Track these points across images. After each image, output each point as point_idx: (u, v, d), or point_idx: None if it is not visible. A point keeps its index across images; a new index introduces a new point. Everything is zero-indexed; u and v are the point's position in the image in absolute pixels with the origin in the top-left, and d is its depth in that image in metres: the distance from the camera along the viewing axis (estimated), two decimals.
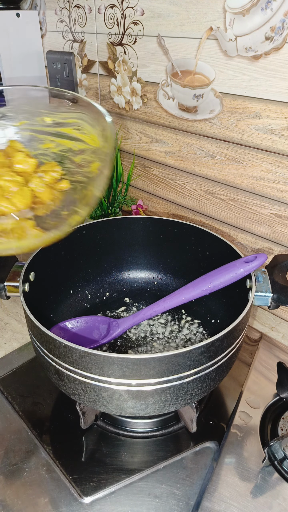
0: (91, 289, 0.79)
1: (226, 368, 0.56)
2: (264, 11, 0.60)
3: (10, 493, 0.53)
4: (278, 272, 0.62)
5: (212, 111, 0.73)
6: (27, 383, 0.69)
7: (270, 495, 0.53)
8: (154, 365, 0.46)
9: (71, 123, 0.56)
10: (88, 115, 0.54)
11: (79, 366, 0.48)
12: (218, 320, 0.73)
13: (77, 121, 0.55)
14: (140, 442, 0.60)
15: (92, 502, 0.52)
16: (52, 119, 0.54)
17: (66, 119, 0.55)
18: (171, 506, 0.52)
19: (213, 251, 0.70)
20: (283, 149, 0.67)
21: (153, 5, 0.73)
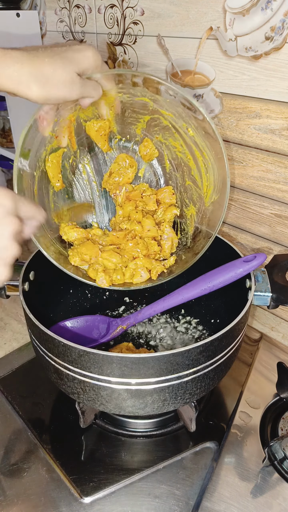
0: (91, 289, 0.79)
1: (225, 368, 0.56)
2: (264, 11, 0.60)
3: (10, 493, 0.53)
4: (278, 272, 0.62)
5: (212, 111, 0.73)
6: (27, 383, 0.69)
7: (270, 495, 0.53)
8: (153, 364, 0.46)
9: (201, 148, 0.58)
10: (214, 153, 0.56)
11: (78, 365, 0.48)
12: (217, 319, 0.73)
13: (206, 150, 0.57)
14: (140, 442, 0.60)
15: (92, 502, 0.52)
16: (194, 135, 0.57)
17: (201, 143, 0.57)
18: (171, 506, 0.52)
19: (213, 251, 0.70)
20: (283, 149, 0.67)
21: (153, 5, 0.73)
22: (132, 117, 0.60)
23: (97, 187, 0.65)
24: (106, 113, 0.57)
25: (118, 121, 0.60)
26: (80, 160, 0.63)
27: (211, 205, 0.60)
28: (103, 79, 0.50)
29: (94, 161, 0.64)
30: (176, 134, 0.59)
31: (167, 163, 0.64)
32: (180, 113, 0.55)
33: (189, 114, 0.54)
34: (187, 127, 0.56)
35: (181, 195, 0.64)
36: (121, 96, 0.56)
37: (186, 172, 0.62)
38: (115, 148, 0.63)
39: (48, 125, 0.51)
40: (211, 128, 0.52)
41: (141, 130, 0.62)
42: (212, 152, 0.55)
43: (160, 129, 0.60)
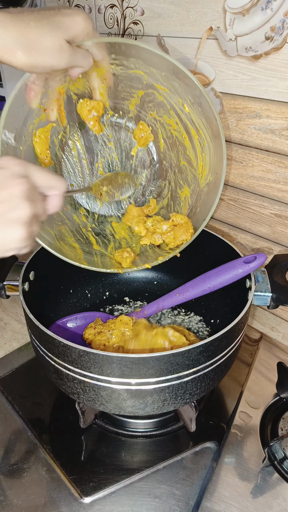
0: (91, 289, 0.79)
1: (226, 368, 0.56)
2: (264, 11, 0.60)
3: (10, 493, 0.53)
4: (278, 272, 0.62)
5: None
6: (27, 383, 0.69)
7: (270, 495, 0.53)
8: (153, 364, 0.46)
9: (197, 126, 0.56)
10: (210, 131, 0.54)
11: (78, 365, 0.48)
12: (217, 319, 0.73)
13: (202, 128, 0.55)
14: (140, 442, 0.60)
15: (92, 502, 0.52)
16: (190, 111, 0.54)
17: (197, 121, 0.55)
18: (171, 506, 0.52)
19: (213, 251, 0.70)
20: (283, 149, 0.67)
21: (153, 5, 0.73)
22: (125, 91, 0.57)
23: (87, 165, 0.63)
24: (98, 86, 0.54)
25: (111, 95, 0.58)
26: (70, 136, 0.60)
27: (206, 186, 0.58)
28: (94, 48, 0.47)
29: (84, 138, 0.61)
30: (172, 111, 0.57)
31: (161, 142, 0.62)
32: (176, 88, 0.53)
33: (186, 89, 0.52)
34: (182, 103, 0.54)
35: (176, 176, 0.62)
36: (114, 68, 0.53)
37: (181, 151, 0.60)
38: (107, 124, 0.61)
39: (35, 96, 0.49)
40: (207, 102, 0.50)
41: (134, 106, 0.59)
42: (209, 130, 0.53)
43: (154, 106, 0.58)
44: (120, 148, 0.63)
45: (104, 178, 0.61)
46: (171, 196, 0.64)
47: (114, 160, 0.64)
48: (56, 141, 0.59)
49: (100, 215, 0.66)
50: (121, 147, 0.63)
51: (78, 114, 0.58)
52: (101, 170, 0.63)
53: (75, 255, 0.59)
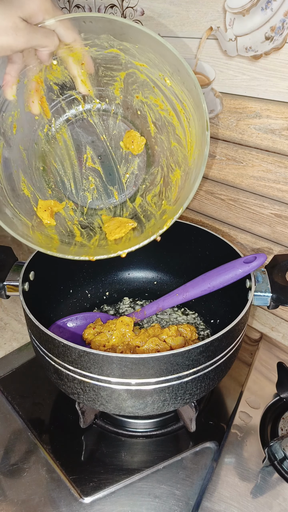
0: (91, 289, 0.79)
1: (226, 368, 0.56)
2: (264, 11, 0.60)
3: (10, 493, 0.53)
4: (278, 272, 0.62)
5: (212, 111, 0.73)
6: (27, 383, 0.69)
7: (270, 495, 0.53)
8: (153, 364, 0.46)
9: (181, 99, 0.54)
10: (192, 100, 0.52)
11: (78, 365, 0.48)
12: (217, 319, 0.73)
13: (186, 100, 0.53)
14: (140, 442, 0.60)
15: (92, 502, 0.52)
16: (171, 84, 0.52)
17: (180, 93, 0.53)
18: (171, 506, 0.52)
19: (213, 251, 0.70)
20: (283, 149, 0.66)
21: (153, 5, 0.73)
22: (107, 75, 0.56)
23: (76, 157, 0.62)
24: (78, 73, 0.53)
25: (93, 82, 0.56)
26: (56, 129, 0.59)
27: (193, 163, 0.56)
28: (61, 28, 0.45)
29: (71, 129, 0.61)
30: (155, 88, 0.55)
31: (151, 126, 0.60)
32: (153, 60, 0.52)
33: (161, 59, 0.50)
34: (163, 76, 0.53)
35: (167, 160, 0.61)
36: (89, 50, 0.51)
37: (171, 132, 0.59)
38: (94, 114, 0.60)
39: (9, 87, 0.47)
40: (183, 66, 0.48)
41: (119, 91, 0.58)
42: (191, 99, 0.52)
43: (138, 87, 0.57)
44: (110, 137, 0.62)
45: None
46: (163, 182, 0.62)
47: (104, 150, 0.62)
48: (41, 135, 0.58)
49: (89, 208, 0.65)
50: (110, 135, 0.62)
51: (64, 103, 0.57)
52: (89, 161, 0.62)
53: (48, 243, 0.57)
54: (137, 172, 0.64)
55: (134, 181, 0.64)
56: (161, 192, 0.62)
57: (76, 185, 0.63)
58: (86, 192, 0.64)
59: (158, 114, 0.58)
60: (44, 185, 0.61)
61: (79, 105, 0.59)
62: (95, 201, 0.64)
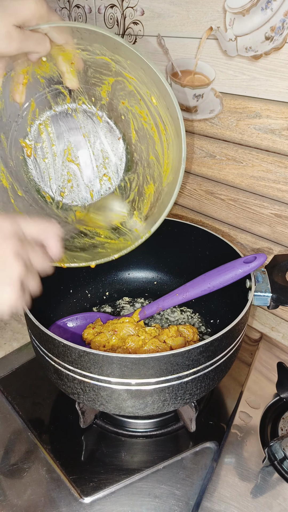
0: (91, 289, 0.79)
1: (225, 368, 0.56)
2: (264, 11, 0.60)
3: (10, 493, 0.53)
4: (278, 272, 0.62)
5: (212, 111, 0.73)
6: (27, 383, 0.69)
7: (270, 495, 0.53)
8: (153, 364, 0.46)
9: (164, 121, 0.54)
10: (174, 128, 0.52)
11: (78, 365, 0.48)
12: (217, 319, 0.73)
13: (168, 124, 0.54)
14: (140, 442, 0.60)
15: (92, 502, 0.52)
16: (157, 104, 0.53)
17: (164, 116, 0.53)
18: (171, 506, 0.52)
19: (213, 251, 0.70)
20: (283, 149, 0.66)
21: (153, 5, 0.73)
22: (95, 77, 0.56)
23: (56, 150, 0.62)
24: (67, 70, 0.52)
25: (81, 80, 0.56)
26: (39, 120, 0.59)
27: (166, 186, 0.57)
28: (54, 31, 0.45)
29: (54, 123, 0.61)
30: (142, 102, 0.56)
31: (133, 133, 0.60)
32: (142, 78, 0.52)
33: (151, 80, 0.50)
34: (150, 94, 0.53)
35: (144, 170, 0.61)
36: (80, 53, 0.51)
37: (150, 145, 0.59)
38: (79, 111, 0.60)
39: None
40: (170, 97, 0.48)
41: (106, 93, 0.58)
42: (173, 127, 0.52)
43: (125, 94, 0.57)
44: (91, 135, 0.62)
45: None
46: (137, 191, 0.63)
47: (85, 148, 0.63)
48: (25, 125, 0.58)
49: (64, 203, 0.65)
50: (92, 134, 0.62)
51: (48, 94, 0.57)
52: (69, 156, 0.63)
53: None
54: (114, 175, 0.64)
55: (110, 183, 0.64)
56: (134, 201, 0.63)
57: (54, 178, 0.63)
58: (63, 187, 0.64)
59: (141, 124, 0.59)
60: (23, 175, 0.61)
61: (65, 100, 0.59)
62: (71, 197, 0.64)
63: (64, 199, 0.64)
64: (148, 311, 0.69)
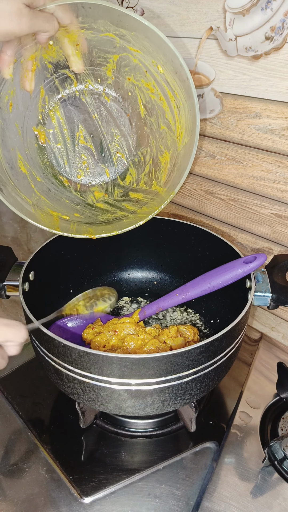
0: None
1: (225, 368, 0.56)
2: (264, 11, 0.60)
3: (10, 493, 0.53)
4: (278, 272, 0.62)
5: (212, 111, 0.73)
6: (27, 383, 0.69)
7: (270, 495, 0.53)
8: (153, 364, 0.46)
9: (172, 87, 0.55)
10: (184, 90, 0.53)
11: (78, 365, 0.48)
12: (217, 319, 0.73)
13: (177, 89, 0.54)
14: (140, 442, 0.60)
15: (92, 502, 0.52)
16: (164, 72, 0.54)
17: (172, 82, 0.54)
18: (171, 506, 0.52)
19: (213, 251, 0.70)
20: (283, 149, 0.66)
21: (153, 5, 0.73)
22: (100, 57, 0.57)
23: (68, 135, 0.63)
24: (72, 52, 0.54)
25: (87, 62, 0.57)
26: (49, 106, 0.61)
27: (182, 149, 0.57)
28: (59, 11, 0.46)
29: (64, 108, 0.62)
30: (147, 73, 0.56)
31: (141, 107, 0.61)
32: (147, 48, 0.53)
33: (156, 48, 0.51)
34: (156, 63, 0.54)
35: (156, 141, 0.62)
36: (84, 33, 0.52)
37: (160, 116, 0.60)
38: (86, 93, 0.61)
39: (7, 66, 0.48)
40: (177, 58, 0.49)
41: (111, 72, 0.59)
42: (182, 90, 0.53)
43: (130, 70, 0.58)
44: (101, 116, 0.63)
45: (81, 296, 0.66)
46: (152, 163, 0.64)
47: (96, 129, 0.64)
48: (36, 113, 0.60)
49: (82, 184, 0.66)
50: (101, 114, 0.63)
51: (57, 79, 0.58)
52: (82, 139, 0.64)
53: (50, 222, 0.59)
54: (127, 151, 0.65)
55: (124, 159, 0.65)
56: (150, 172, 0.64)
57: (69, 162, 0.64)
58: (79, 169, 0.65)
59: (148, 97, 0.60)
60: (39, 162, 0.63)
61: (72, 84, 0.60)
62: (88, 178, 0.66)
63: (81, 181, 0.65)
64: (148, 311, 0.69)
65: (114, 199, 0.66)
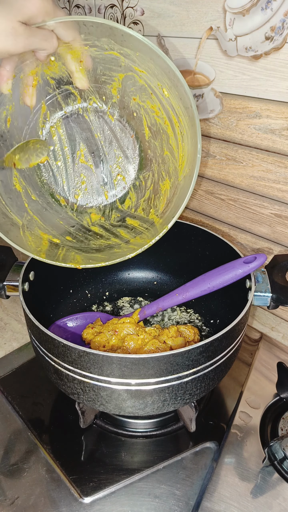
0: (91, 289, 0.79)
1: (225, 368, 0.56)
2: (264, 11, 0.60)
3: (10, 493, 0.53)
4: (278, 272, 0.62)
5: (212, 111, 0.73)
6: (27, 383, 0.69)
7: (270, 495, 0.53)
8: (153, 364, 0.46)
9: (177, 113, 0.54)
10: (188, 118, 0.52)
11: (78, 365, 0.48)
12: (217, 319, 0.73)
13: (181, 115, 0.53)
14: (140, 442, 0.60)
15: (92, 502, 0.52)
16: (169, 96, 0.53)
17: (177, 107, 0.53)
18: (171, 506, 0.52)
19: (213, 251, 0.70)
20: (283, 149, 0.66)
21: (153, 5, 0.73)
22: (105, 74, 0.56)
23: (69, 153, 0.62)
24: (76, 69, 0.52)
25: (91, 79, 0.56)
26: (50, 122, 0.59)
27: (183, 179, 0.56)
28: (61, 28, 0.44)
29: (66, 125, 0.60)
30: (153, 95, 0.55)
31: (146, 129, 0.60)
32: (152, 70, 0.51)
33: (161, 71, 0.50)
34: (161, 86, 0.53)
35: (159, 166, 0.61)
36: (88, 50, 0.51)
37: (164, 140, 0.58)
38: (90, 111, 0.60)
39: (5, 82, 0.46)
40: (182, 84, 0.48)
41: (117, 90, 0.58)
42: (186, 117, 0.52)
43: (136, 90, 0.56)
44: (104, 136, 0.61)
45: (15, 148, 0.58)
46: (153, 189, 0.62)
47: (97, 148, 0.62)
48: (36, 128, 0.58)
49: (79, 205, 0.65)
50: (104, 134, 0.61)
51: (59, 96, 0.57)
52: (82, 158, 0.62)
53: (37, 246, 0.57)
54: (129, 174, 0.64)
55: (124, 182, 0.64)
56: (150, 199, 0.63)
57: (68, 181, 0.63)
58: (77, 189, 0.63)
59: (153, 120, 0.58)
60: (36, 180, 0.61)
61: (75, 101, 0.59)
62: (86, 199, 0.64)
63: (78, 201, 0.64)
64: (148, 311, 0.69)
65: (110, 223, 0.64)
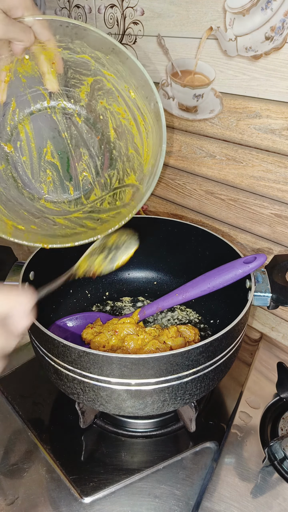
0: (91, 289, 0.79)
1: (225, 368, 0.56)
2: (264, 11, 0.60)
3: (10, 493, 0.53)
4: (278, 273, 0.62)
5: (212, 111, 0.73)
6: (27, 383, 0.69)
7: (270, 495, 0.53)
8: (153, 365, 0.46)
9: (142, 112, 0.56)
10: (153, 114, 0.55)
11: (78, 365, 0.48)
12: (217, 319, 0.73)
13: (147, 113, 0.56)
14: (140, 442, 0.60)
15: (92, 502, 0.52)
16: (135, 97, 0.55)
17: (142, 106, 0.56)
18: (171, 506, 0.52)
19: (213, 251, 0.70)
20: (283, 149, 0.66)
21: (153, 5, 0.73)
22: (75, 78, 0.58)
23: (35, 150, 0.63)
24: (47, 71, 0.54)
25: (61, 82, 0.58)
26: (19, 120, 0.60)
27: (147, 171, 0.58)
28: (38, 26, 0.46)
29: (34, 123, 0.61)
30: (120, 98, 0.58)
31: (112, 131, 0.62)
32: (121, 72, 0.54)
33: (129, 73, 0.53)
34: (128, 88, 0.55)
35: (124, 164, 0.63)
36: (61, 52, 0.53)
37: (129, 140, 0.61)
38: (58, 112, 0.61)
39: None
40: (148, 84, 0.51)
41: (85, 94, 0.60)
42: (152, 113, 0.54)
43: (104, 93, 0.59)
44: (71, 135, 0.63)
45: (91, 249, 0.62)
46: (118, 185, 0.64)
47: (64, 147, 0.64)
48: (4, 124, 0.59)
49: (45, 199, 0.65)
50: (71, 134, 0.63)
51: (30, 94, 0.58)
52: (49, 155, 0.63)
53: (2, 228, 0.57)
54: (94, 172, 0.65)
55: (90, 179, 0.65)
56: (115, 193, 0.64)
57: (33, 175, 0.64)
58: (43, 184, 0.65)
59: (119, 122, 0.60)
60: (1, 173, 0.62)
61: (45, 101, 0.60)
62: (51, 194, 0.65)
63: (43, 196, 0.65)
64: (148, 311, 0.69)
65: (75, 216, 0.65)
